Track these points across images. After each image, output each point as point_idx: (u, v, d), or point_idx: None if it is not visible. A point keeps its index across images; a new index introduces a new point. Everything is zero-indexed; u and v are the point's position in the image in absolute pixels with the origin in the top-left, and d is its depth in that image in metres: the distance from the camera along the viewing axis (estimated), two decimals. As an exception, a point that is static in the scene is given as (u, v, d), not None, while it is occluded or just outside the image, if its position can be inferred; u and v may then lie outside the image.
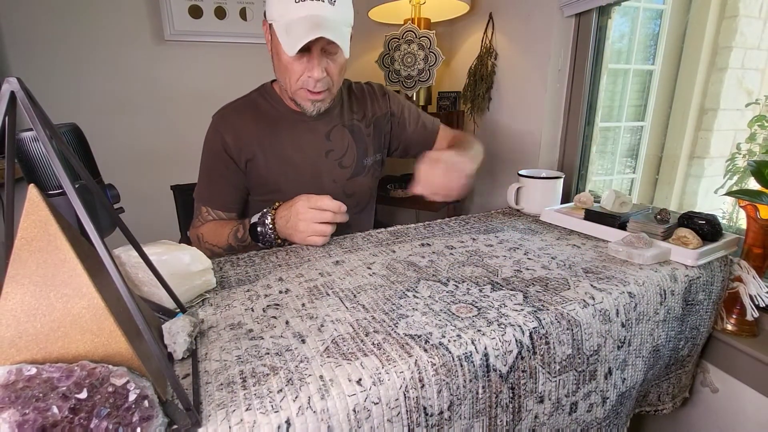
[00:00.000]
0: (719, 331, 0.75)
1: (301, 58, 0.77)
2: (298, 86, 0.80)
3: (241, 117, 0.88)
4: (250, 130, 0.87)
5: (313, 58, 0.76)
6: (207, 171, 0.90)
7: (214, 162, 0.88)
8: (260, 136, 0.87)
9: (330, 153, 0.91)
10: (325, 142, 0.91)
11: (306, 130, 0.89)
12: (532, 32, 1.23)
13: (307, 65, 0.77)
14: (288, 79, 0.80)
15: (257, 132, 0.87)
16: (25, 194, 0.31)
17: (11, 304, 0.30)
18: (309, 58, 0.77)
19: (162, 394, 0.33)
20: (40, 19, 1.30)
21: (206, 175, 0.90)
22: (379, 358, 0.42)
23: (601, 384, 0.57)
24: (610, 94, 1.21)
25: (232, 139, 0.86)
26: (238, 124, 0.87)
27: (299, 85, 0.80)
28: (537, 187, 0.96)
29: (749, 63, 1.08)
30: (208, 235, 0.84)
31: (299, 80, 0.79)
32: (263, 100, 0.90)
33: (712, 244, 0.69)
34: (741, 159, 1.00)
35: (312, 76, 0.77)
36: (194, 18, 1.42)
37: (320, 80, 0.78)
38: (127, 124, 1.45)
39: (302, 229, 0.73)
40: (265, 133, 0.87)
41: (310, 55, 0.76)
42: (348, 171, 0.93)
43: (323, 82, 0.79)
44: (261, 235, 0.77)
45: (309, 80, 0.78)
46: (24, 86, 0.29)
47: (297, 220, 0.73)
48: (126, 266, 0.50)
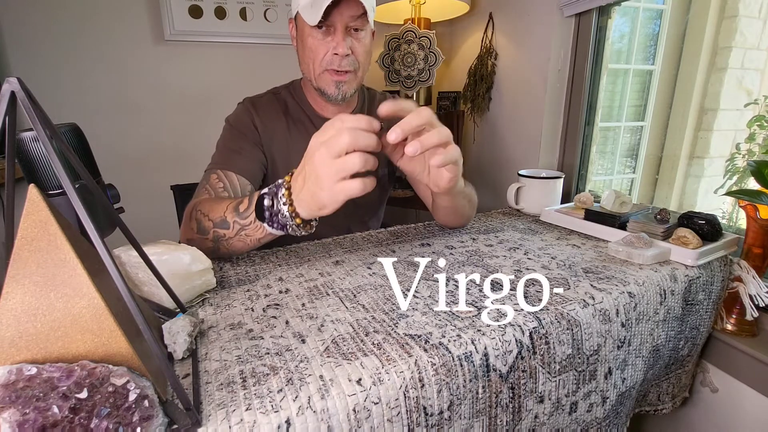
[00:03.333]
0: (719, 331, 0.75)
1: (325, 37, 0.76)
2: (322, 68, 0.78)
3: (272, 109, 0.86)
4: (281, 128, 0.85)
5: (337, 34, 0.75)
6: (227, 141, 0.83)
7: (239, 136, 0.83)
8: (285, 138, 0.86)
9: None
10: None
11: None
12: (532, 32, 1.23)
13: (331, 43, 0.76)
14: (312, 62, 0.78)
15: (283, 132, 0.86)
16: (26, 194, 0.31)
17: (11, 303, 0.30)
18: (333, 36, 0.76)
19: (162, 394, 0.33)
20: (40, 19, 1.30)
21: (226, 146, 0.82)
22: (379, 358, 0.42)
23: (601, 384, 0.57)
24: (610, 94, 1.21)
25: (261, 126, 0.84)
26: (269, 116, 0.86)
27: (323, 66, 0.78)
28: (537, 187, 0.96)
29: (749, 63, 1.08)
30: (205, 204, 0.67)
31: (323, 60, 0.77)
32: (291, 98, 0.89)
33: (712, 244, 0.69)
34: (741, 159, 1.00)
35: (338, 53, 0.76)
36: (194, 18, 1.42)
37: (345, 57, 0.76)
38: (127, 124, 1.45)
39: (328, 174, 0.50)
40: (289, 134, 0.86)
41: (335, 32, 0.75)
42: None
43: (348, 60, 0.77)
44: (268, 211, 0.58)
45: (334, 58, 0.77)
46: (24, 86, 0.29)
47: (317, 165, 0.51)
48: (126, 266, 0.50)
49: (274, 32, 1.52)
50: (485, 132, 1.51)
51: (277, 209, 0.57)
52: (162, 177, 1.39)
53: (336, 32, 0.76)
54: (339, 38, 0.75)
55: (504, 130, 1.41)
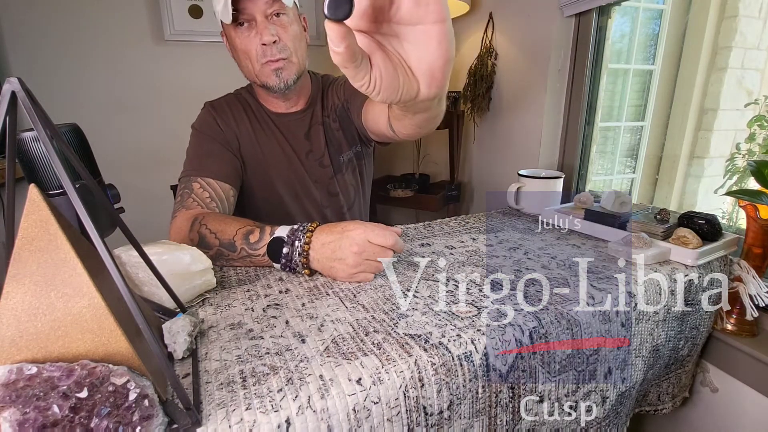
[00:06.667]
0: (719, 330, 0.75)
1: (249, 32, 0.76)
2: (258, 63, 0.78)
3: (234, 110, 0.87)
4: (245, 127, 0.86)
5: (259, 24, 0.75)
6: (196, 147, 0.83)
7: (207, 139, 0.83)
8: (250, 136, 0.86)
9: (309, 154, 0.90)
10: (304, 143, 0.90)
11: (286, 130, 0.89)
12: (532, 32, 1.23)
13: (256, 37, 0.76)
14: (249, 61, 0.78)
15: (248, 131, 0.86)
16: (26, 194, 0.31)
17: (12, 303, 0.30)
18: (255, 29, 0.75)
19: (162, 394, 0.33)
20: (40, 19, 1.30)
21: (196, 152, 0.83)
22: (379, 358, 0.42)
23: (600, 384, 0.57)
24: (610, 94, 1.21)
25: (225, 126, 0.85)
26: (232, 116, 0.86)
27: (258, 60, 0.77)
28: (537, 187, 0.96)
29: (749, 63, 1.08)
30: (212, 221, 0.68)
31: (256, 55, 0.77)
32: (252, 98, 0.89)
33: (711, 243, 0.69)
34: (741, 159, 1.00)
35: (264, 42, 0.75)
36: (194, 18, 1.42)
37: (273, 45, 0.76)
38: (127, 124, 1.45)
39: (353, 263, 0.58)
40: (254, 134, 0.87)
41: (256, 24, 0.75)
42: (328, 170, 0.92)
43: (278, 47, 0.77)
44: (284, 257, 0.61)
45: (264, 49, 0.76)
46: (25, 86, 0.29)
47: (350, 252, 0.58)
48: (126, 266, 0.50)
49: (274, 32, 1.52)
50: (485, 132, 1.51)
51: (291, 256, 0.61)
52: (162, 177, 1.39)
53: (257, 23, 0.75)
54: (261, 28, 0.75)
55: (504, 130, 1.41)
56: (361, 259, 0.58)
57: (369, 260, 0.59)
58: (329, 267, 0.60)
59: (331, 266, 0.60)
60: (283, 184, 0.89)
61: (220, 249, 0.65)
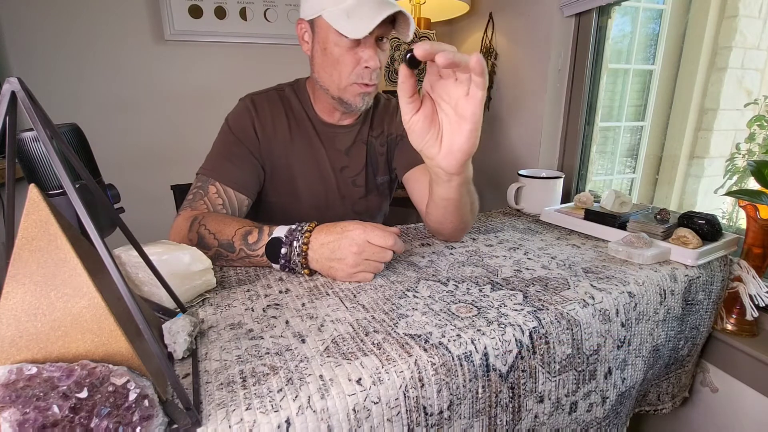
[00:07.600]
0: (719, 330, 0.75)
1: (353, 48, 0.72)
2: (350, 81, 0.74)
3: (274, 108, 0.82)
4: (282, 129, 0.82)
5: (368, 48, 0.72)
6: (224, 146, 0.79)
7: (235, 142, 0.79)
8: (286, 139, 0.82)
9: (345, 169, 0.87)
10: (342, 158, 0.86)
11: (328, 141, 0.85)
12: (532, 32, 1.23)
13: (361, 56, 0.72)
14: (339, 73, 0.74)
15: (285, 133, 0.82)
16: (26, 194, 0.31)
17: (12, 303, 0.30)
18: (363, 48, 0.72)
19: (162, 394, 0.33)
20: (40, 19, 1.30)
21: (222, 152, 0.78)
22: (379, 358, 0.42)
23: (600, 384, 0.57)
24: (610, 94, 1.21)
25: (260, 128, 0.80)
26: (271, 115, 0.82)
27: (352, 79, 0.74)
28: (537, 187, 0.96)
29: (749, 63, 1.08)
30: (211, 222, 0.67)
31: (353, 73, 0.73)
32: (295, 98, 0.84)
33: (711, 243, 0.69)
34: (741, 159, 1.00)
35: (369, 66, 0.72)
36: (194, 18, 1.42)
37: (375, 70, 0.74)
38: (127, 124, 1.45)
39: (353, 263, 0.58)
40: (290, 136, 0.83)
41: (365, 44, 0.72)
42: (361, 190, 0.89)
43: (375, 73, 0.74)
44: (283, 258, 0.61)
45: (365, 72, 0.73)
46: (25, 86, 0.29)
47: (349, 252, 0.58)
48: (126, 266, 0.50)
49: (274, 32, 1.52)
50: (485, 132, 1.51)
51: (289, 257, 0.61)
52: (162, 177, 1.39)
53: (367, 46, 0.72)
54: (371, 52, 0.72)
55: (504, 130, 1.41)
56: (361, 259, 0.58)
57: (368, 260, 0.59)
58: (328, 267, 0.60)
59: (330, 266, 0.60)
60: (308, 194, 0.86)
61: (219, 249, 0.65)
